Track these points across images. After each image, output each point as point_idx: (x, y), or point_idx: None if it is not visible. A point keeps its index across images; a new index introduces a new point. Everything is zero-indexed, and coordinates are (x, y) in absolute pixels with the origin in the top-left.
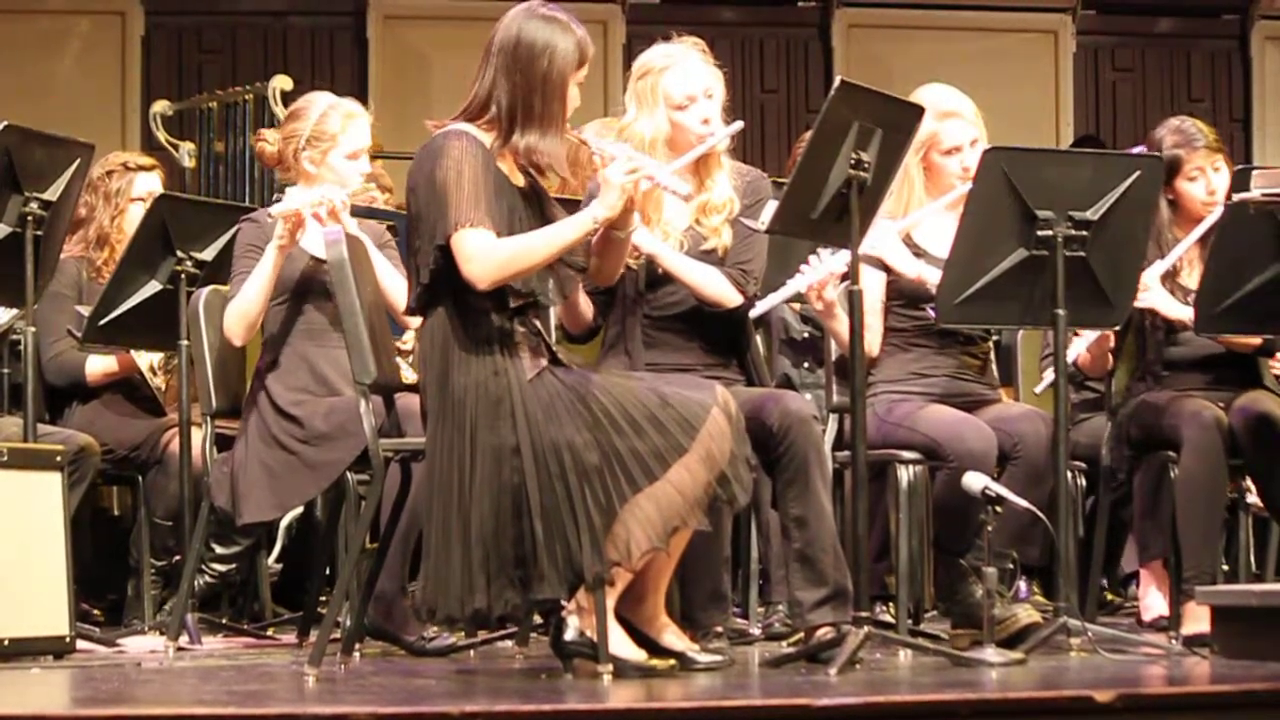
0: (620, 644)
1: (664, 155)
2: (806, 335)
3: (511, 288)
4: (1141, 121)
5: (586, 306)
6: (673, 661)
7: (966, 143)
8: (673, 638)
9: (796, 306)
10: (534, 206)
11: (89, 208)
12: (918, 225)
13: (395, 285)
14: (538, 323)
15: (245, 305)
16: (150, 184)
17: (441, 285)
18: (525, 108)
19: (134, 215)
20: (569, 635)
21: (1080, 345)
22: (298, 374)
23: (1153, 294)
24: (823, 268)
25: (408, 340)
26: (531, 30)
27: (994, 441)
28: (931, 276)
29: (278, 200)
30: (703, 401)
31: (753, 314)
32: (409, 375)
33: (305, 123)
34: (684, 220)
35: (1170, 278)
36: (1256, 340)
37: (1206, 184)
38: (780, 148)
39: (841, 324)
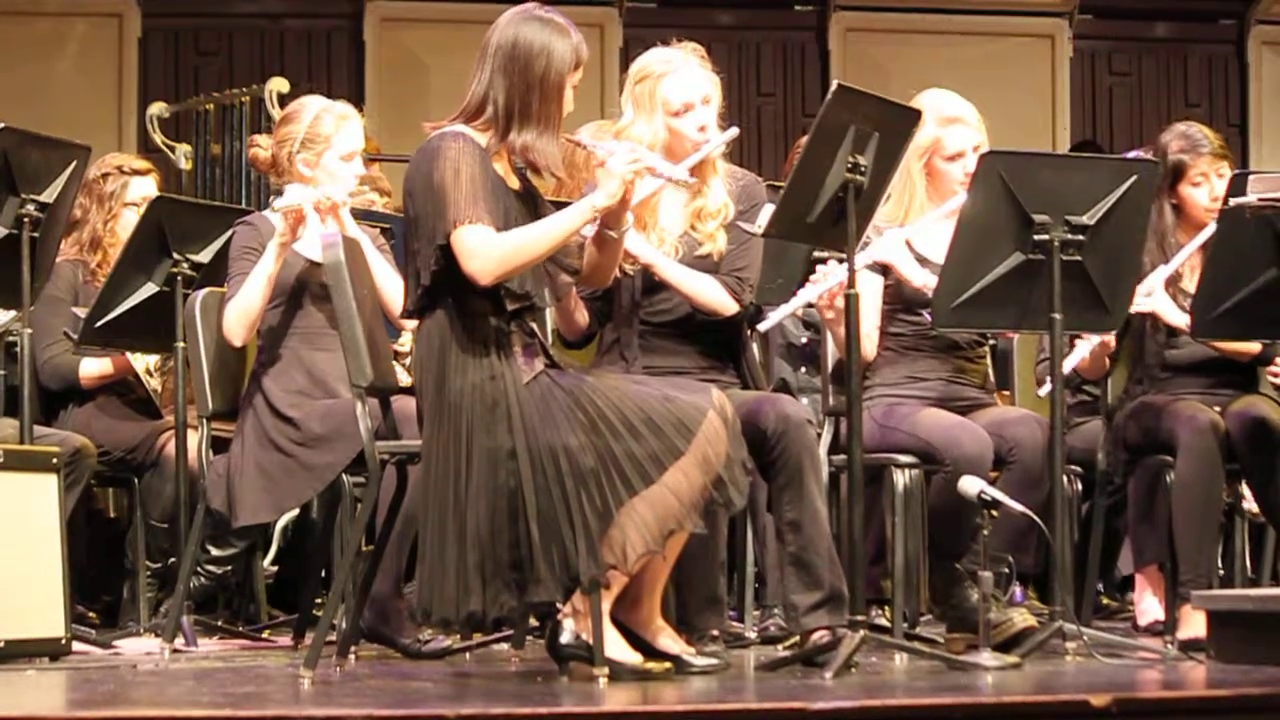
0: (616, 647)
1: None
2: (805, 340)
3: (509, 291)
4: (1138, 126)
5: (581, 313)
6: (669, 665)
7: (969, 149)
8: (668, 641)
9: (798, 312)
10: (529, 209)
11: (83, 209)
12: (923, 232)
13: (392, 287)
14: (534, 325)
15: (246, 304)
16: (145, 189)
17: (440, 287)
18: (523, 107)
19: (128, 220)
20: (565, 638)
21: (1083, 350)
22: (294, 376)
23: (1155, 299)
24: (834, 277)
25: (404, 343)
26: (529, 32)
27: (990, 445)
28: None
29: (276, 198)
30: (699, 405)
31: (763, 326)
32: (405, 378)
33: (299, 126)
34: (679, 226)
35: (1172, 283)
36: (1255, 348)
37: (1210, 190)
38: (777, 151)
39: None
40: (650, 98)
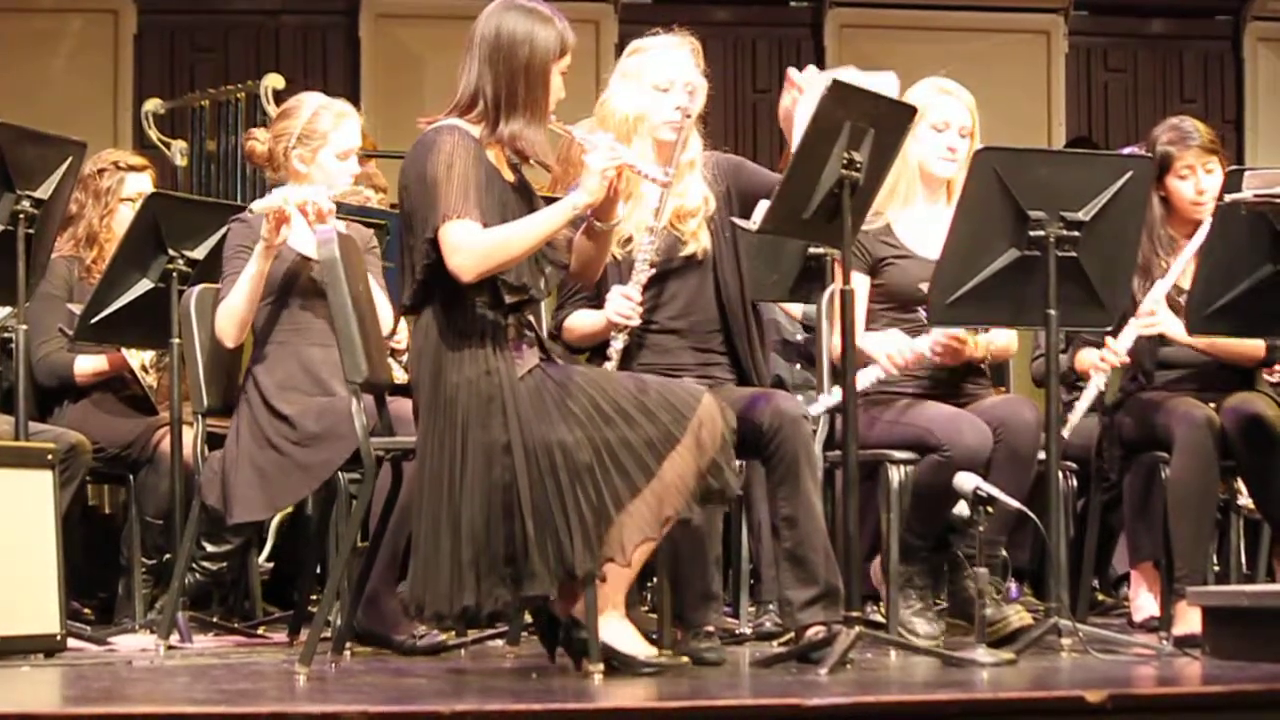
0: (629, 641)
1: (644, 132)
2: (800, 337)
3: (507, 284)
4: (1134, 122)
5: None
6: (685, 659)
7: (956, 125)
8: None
9: (793, 311)
10: (525, 201)
11: (79, 205)
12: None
13: (380, 304)
14: (531, 318)
15: (235, 306)
16: (141, 185)
17: (435, 281)
18: (509, 96)
19: (124, 215)
20: (560, 633)
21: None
22: (289, 372)
23: (1161, 319)
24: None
25: (400, 340)
26: (510, 21)
27: (989, 438)
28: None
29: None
30: (694, 391)
31: (813, 411)
32: (399, 375)
33: (296, 121)
34: (650, 218)
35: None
36: (1260, 352)
37: (1196, 183)
38: (772, 148)
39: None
40: (638, 70)
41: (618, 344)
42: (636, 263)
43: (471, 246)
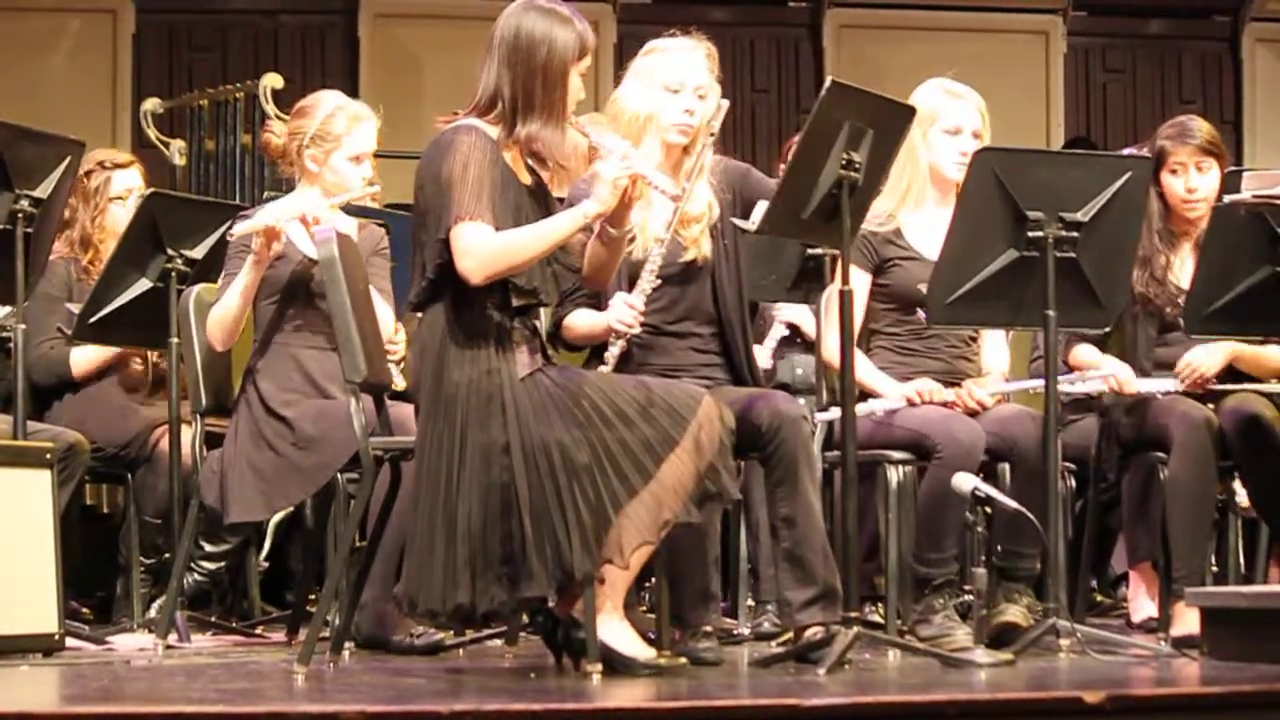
0: (629, 642)
1: (653, 132)
2: (799, 339)
3: (516, 286)
4: (1132, 123)
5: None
6: (683, 659)
7: (969, 129)
8: None
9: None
10: (540, 203)
11: (71, 209)
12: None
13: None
14: (537, 322)
15: (224, 314)
16: (129, 181)
17: (445, 280)
18: (526, 97)
19: (115, 214)
20: (560, 632)
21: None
22: (288, 373)
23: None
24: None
25: (398, 345)
26: (530, 22)
27: (981, 435)
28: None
29: (271, 197)
30: (693, 393)
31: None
32: (399, 380)
33: (311, 120)
34: (663, 230)
35: (1162, 280)
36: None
37: (1186, 180)
38: (771, 148)
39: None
40: (651, 70)
41: (615, 350)
42: (643, 273)
43: (481, 250)
